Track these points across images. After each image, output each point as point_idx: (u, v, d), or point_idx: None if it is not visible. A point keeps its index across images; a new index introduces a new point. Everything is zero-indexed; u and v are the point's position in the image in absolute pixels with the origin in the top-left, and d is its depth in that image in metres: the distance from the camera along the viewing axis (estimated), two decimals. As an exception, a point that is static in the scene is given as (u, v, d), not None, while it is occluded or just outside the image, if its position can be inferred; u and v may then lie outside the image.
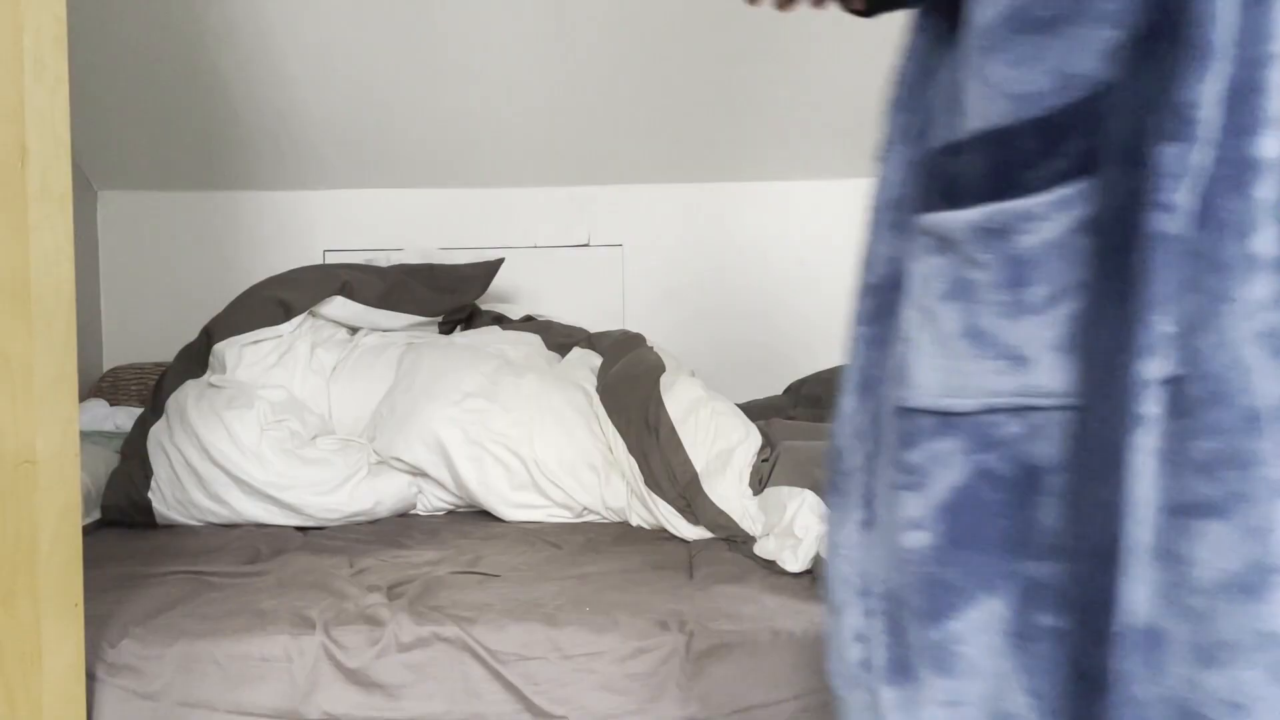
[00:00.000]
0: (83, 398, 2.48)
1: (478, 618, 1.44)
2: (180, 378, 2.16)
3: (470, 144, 2.70)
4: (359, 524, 2.02)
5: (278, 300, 2.23)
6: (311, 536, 1.92)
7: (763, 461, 1.91)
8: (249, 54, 2.46)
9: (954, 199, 0.67)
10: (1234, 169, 0.61)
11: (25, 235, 1.17)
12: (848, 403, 0.80)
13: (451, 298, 2.41)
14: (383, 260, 2.55)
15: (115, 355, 2.84)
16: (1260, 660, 0.62)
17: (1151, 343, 0.62)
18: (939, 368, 0.69)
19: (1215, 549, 0.62)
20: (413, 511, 2.11)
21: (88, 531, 1.92)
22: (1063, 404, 0.64)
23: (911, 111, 0.77)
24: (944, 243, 0.68)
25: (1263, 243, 0.61)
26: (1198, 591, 0.63)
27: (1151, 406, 0.62)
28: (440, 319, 2.43)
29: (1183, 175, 0.60)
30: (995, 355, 0.66)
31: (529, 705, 1.40)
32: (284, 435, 2.01)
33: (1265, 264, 0.61)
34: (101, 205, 2.85)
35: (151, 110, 2.60)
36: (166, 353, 2.62)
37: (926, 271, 0.70)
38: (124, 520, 2.00)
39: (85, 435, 2.21)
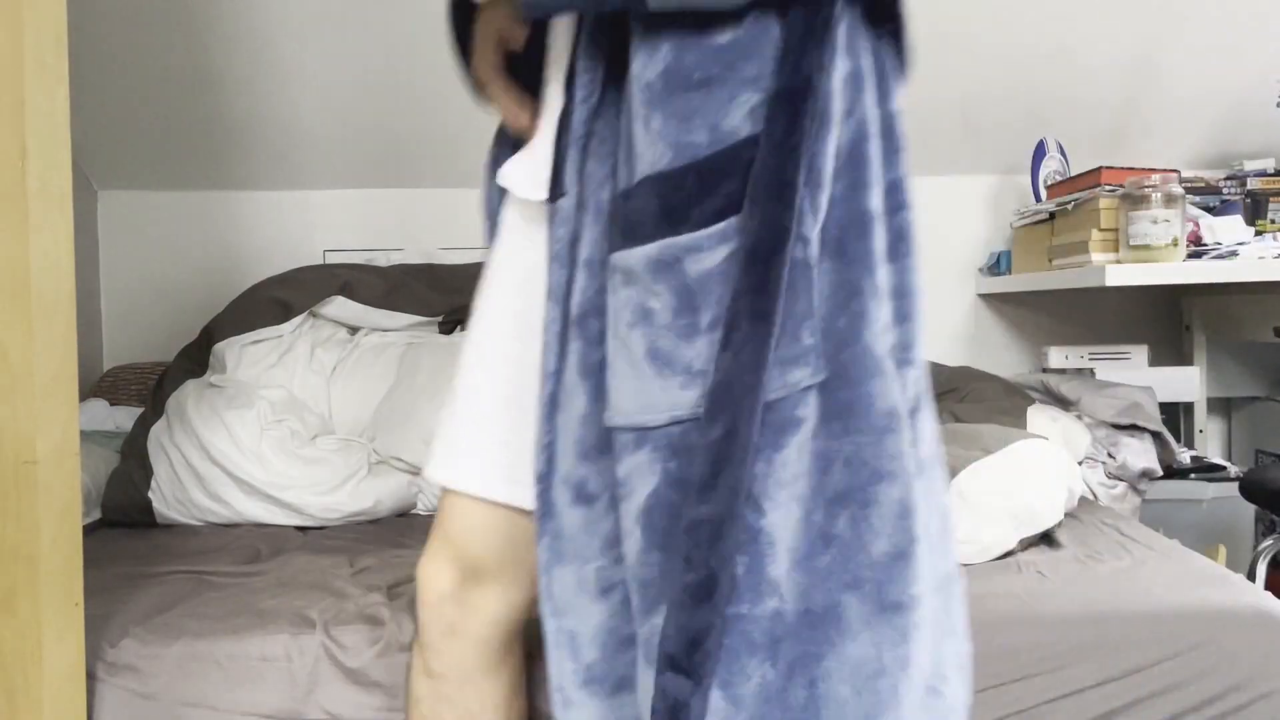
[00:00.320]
0: (83, 398, 2.48)
1: (478, 618, 1.44)
2: (180, 378, 2.16)
3: (471, 144, 2.70)
4: (359, 524, 2.02)
5: (278, 300, 2.23)
6: (311, 536, 1.92)
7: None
8: (249, 54, 2.46)
9: (632, 237, 0.77)
10: (858, 217, 0.76)
11: (25, 235, 1.17)
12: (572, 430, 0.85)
13: (451, 298, 2.41)
14: (383, 260, 2.55)
15: (115, 355, 2.84)
16: (910, 620, 0.75)
17: (799, 354, 0.72)
18: (632, 390, 0.77)
19: (869, 530, 0.75)
20: (413, 511, 2.11)
21: (88, 531, 1.92)
22: None
23: (595, 158, 0.83)
24: (628, 276, 0.77)
25: (882, 277, 0.77)
26: (864, 566, 0.75)
27: (803, 410, 0.74)
28: (440, 319, 2.43)
29: (816, 215, 0.74)
30: (676, 373, 0.75)
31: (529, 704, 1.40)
32: (284, 435, 2.01)
33: (885, 294, 0.77)
34: (101, 205, 2.85)
35: (151, 110, 2.60)
36: (166, 353, 2.63)
37: (618, 303, 0.78)
38: (124, 520, 2.00)
39: (85, 435, 2.21)
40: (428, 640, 1.10)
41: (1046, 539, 1.73)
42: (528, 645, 1.16)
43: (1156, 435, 2.21)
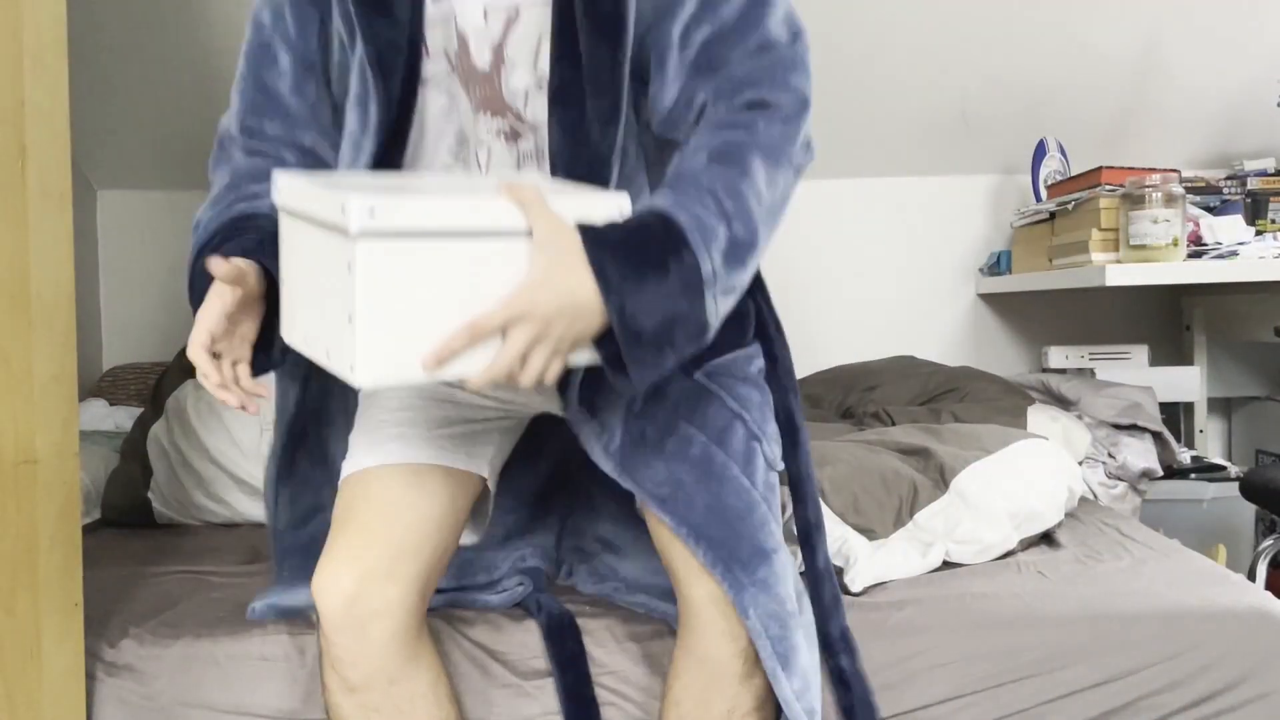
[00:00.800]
0: (83, 398, 2.47)
1: (477, 618, 1.44)
2: (180, 378, 2.16)
3: (470, 144, 2.70)
4: (359, 524, 2.01)
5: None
6: (311, 536, 1.92)
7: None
8: (249, 54, 2.46)
9: (693, 363, 1.12)
10: None
11: (25, 235, 1.17)
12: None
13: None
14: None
15: (115, 355, 2.84)
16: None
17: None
18: (743, 453, 1.15)
19: None
20: (413, 511, 2.11)
21: (88, 531, 1.92)
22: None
23: None
24: (703, 388, 1.15)
25: None
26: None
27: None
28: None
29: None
30: (770, 441, 1.19)
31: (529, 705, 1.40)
32: (284, 435, 2.01)
33: None
34: (101, 205, 2.85)
35: (151, 110, 2.60)
36: (166, 353, 2.62)
37: (713, 405, 1.15)
38: (124, 520, 2.00)
39: (85, 435, 2.20)
40: (340, 653, 1.09)
41: (1046, 539, 1.73)
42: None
43: (1157, 435, 2.21)
